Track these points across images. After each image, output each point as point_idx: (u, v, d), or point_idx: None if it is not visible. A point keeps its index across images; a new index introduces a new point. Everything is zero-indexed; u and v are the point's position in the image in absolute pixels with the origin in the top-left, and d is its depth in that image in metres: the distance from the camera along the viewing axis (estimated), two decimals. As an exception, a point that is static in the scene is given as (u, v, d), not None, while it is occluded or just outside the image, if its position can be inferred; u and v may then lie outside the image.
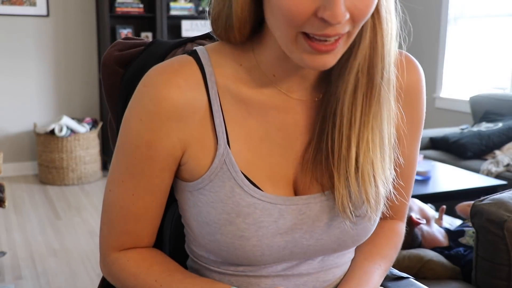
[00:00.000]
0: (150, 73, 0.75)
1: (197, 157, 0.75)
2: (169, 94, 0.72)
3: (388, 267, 0.89)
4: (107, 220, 0.81)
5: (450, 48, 4.35)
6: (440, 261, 1.57)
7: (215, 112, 0.74)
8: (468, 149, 3.39)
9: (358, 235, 0.80)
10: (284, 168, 0.77)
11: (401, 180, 0.83)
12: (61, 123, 4.03)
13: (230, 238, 0.74)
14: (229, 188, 0.74)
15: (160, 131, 0.73)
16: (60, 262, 2.73)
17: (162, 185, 0.78)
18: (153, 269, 0.79)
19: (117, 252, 0.81)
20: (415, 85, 0.85)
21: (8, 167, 4.23)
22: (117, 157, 0.78)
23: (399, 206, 0.91)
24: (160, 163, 0.75)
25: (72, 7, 4.36)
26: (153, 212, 0.80)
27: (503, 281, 1.41)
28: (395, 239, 0.92)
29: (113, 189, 0.79)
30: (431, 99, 4.56)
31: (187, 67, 0.74)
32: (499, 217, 1.41)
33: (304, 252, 0.78)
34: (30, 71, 4.32)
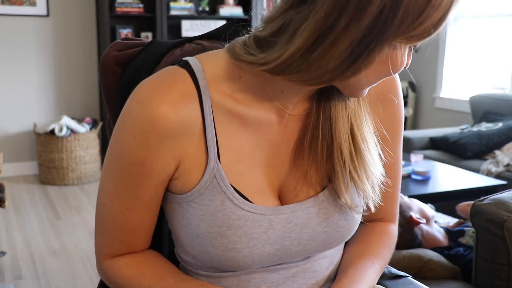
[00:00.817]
0: (143, 89, 0.73)
1: (189, 172, 0.75)
2: (165, 112, 0.71)
3: (383, 266, 0.90)
4: (102, 230, 0.81)
5: (450, 48, 4.35)
6: (440, 261, 1.57)
7: (208, 126, 0.74)
8: (468, 149, 3.39)
9: (342, 236, 0.82)
10: (272, 178, 0.79)
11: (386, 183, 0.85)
12: (61, 123, 4.03)
13: (222, 250, 0.75)
14: (219, 202, 0.74)
15: (154, 149, 0.73)
16: (60, 262, 2.73)
17: (156, 199, 0.78)
18: (146, 274, 0.80)
19: (111, 258, 0.83)
20: (392, 89, 0.85)
21: (8, 167, 4.23)
22: (110, 171, 0.77)
23: (388, 208, 0.94)
24: (154, 179, 0.75)
25: (72, 7, 4.36)
26: (147, 222, 0.80)
27: (503, 281, 1.41)
28: (388, 239, 0.93)
29: (106, 202, 0.79)
30: (431, 99, 4.56)
31: (181, 81, 0.73)
32: (499, 217, 1.41)
33: (292, 256, 0.80)
34: (30, 71, 4.32)
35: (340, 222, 0.80)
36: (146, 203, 0.78)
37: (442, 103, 4.44)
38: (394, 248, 0.95)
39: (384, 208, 0.91)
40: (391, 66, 0.66)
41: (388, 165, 0.85)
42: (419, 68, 4.65)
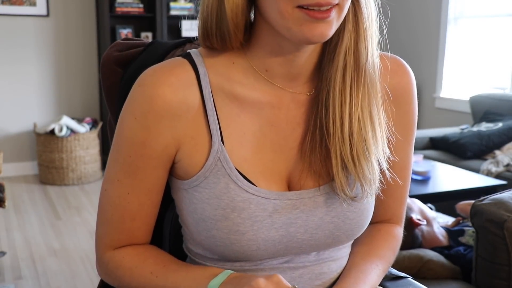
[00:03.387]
0: (144, 74, 0.77)
1: (191, 155, 0.77)
2: (162, 92, 0.74)
3: (387, 268, 0.89)
4: (103, 219, 0.82)
5: (450, 48, 4.35)
6: (440, 261, 1.57)
7: (209, 110, 0.76)
8: (468, 149, 3.39)
9: (352, 230, 0.82)
10: (278, 164, 0.79)
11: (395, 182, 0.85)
12: (61, 123, 4.03)
13: (226, 233, 0.76)
14: (224, 185, 0.75)
15: (154, 129, 0.75)
16: (60, 262, 2.73)
17: (157, 184, 0.79)
18: (148, 262, 0.80)
19: (112, 250, 0.83)
20: (406, 89, 0.86)
21: (8, 167, 4.23)
22: (113, 156, 0.79)
23: (395, 209, 0.93)
24: (154, 160, 0.77)
25: (72, 7, 4.36)
26: (148, 210, 0.81)
27: (503, 281, 1.41)
28: (393, 241, 0.93)
29: (108, 188, 0.80)
30: (431, 99, 4.56)
31: (180, 67, 0.77)
32: (499, 217, 1.41)
33: (299, 246, 0.80)
34: (30, 71, 4.32)
35: (349, 214, 0.80)
36: (146, 188, 0.79)
37: (442, 103, 4.44)
38: (398, 250, 0.95)
39: (392, 209, 0.92)
40: None
41: (398, 165, 0.85)
42: (419, 68, 4.65)
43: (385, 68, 0.83)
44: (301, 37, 0.68)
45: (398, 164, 0.85)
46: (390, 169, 0.82)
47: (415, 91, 0.88)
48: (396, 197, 0.91)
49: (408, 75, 0.87)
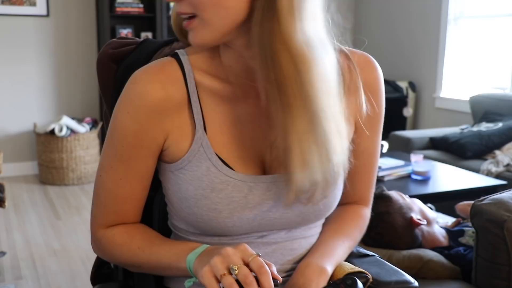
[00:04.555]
0: (136, 72, 0.87)
1: (178, 142, 0.87)
2: (153, 89, 0.84)
3: (353, 245, 0.99)
4: (98, 201, 0.92)
5: (450, 48, 4.35)
6: (440, 261, 1.57)
7: (193, 103, 0.86)
8: (468, 149, 3.39)
9: (320, 210, 0.91)
10: (254, 150, 0.88)
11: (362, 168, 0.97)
12: (61, 123, 4.03)
13: (205, 210, 0.86)
14: (205, 168, 0.85)
15: (145, 122, 0.85)
16: (60, 262, 2.73)
17: (147, 170, 0.89)
18: (136, 239, 0.89)
19: (105, 228, 0.92)
20: (374, 83, 0.94)
21: (8, 167, 4.23)
22: (107, 146, 0.89)
23: (363, 192, 1.03)
24: (145, 150, 0.87)
25: (72, 7, 4.36)
26: (138, 194, 0.91)
27: (503, 281, 1.41)
28: (360, 221, 1.02)
29: (103, 174, 0.90)
30: (431, 99, 4.56)
31: (168, 66, 0.87)
32: (499, 217, 1.41)
33: (271, 224, 0.89)
34: (30, 71, 4.32)
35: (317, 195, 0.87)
36: (137, 174, 0.88)
37: (442, 103, 4.44)
38: (365, 229, 1.04)
39: (361, 192, 1.02)
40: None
41: (366, 153, 0.97)
42: (419, 68, 4.65)
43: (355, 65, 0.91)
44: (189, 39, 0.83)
45: (366, 151, 0.97)
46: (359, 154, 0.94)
47: (382, 85, 0.96)
48: (364, 182, 1.01)
49: (375, 71, 0.95)
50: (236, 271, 0.73)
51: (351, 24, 5.41)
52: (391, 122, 4.64)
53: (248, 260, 0.74)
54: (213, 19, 0.78)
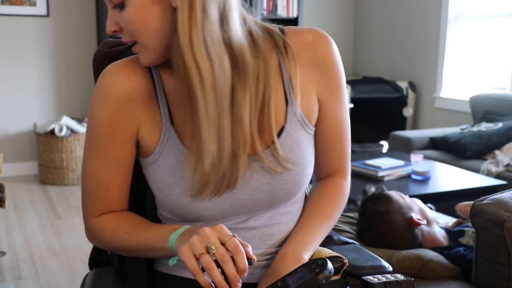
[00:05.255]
0: (108, 66, 0.95)
1: (148, 133, 0.94)
2: (120, 80, 0.92)
3: (332, 224, 1.03)
4: (85, 191, 0.99)
5: (450, 48, 4.35)
6: (440, 261, 1.57)
7: (160, 97, 0.93)
8: (468, 149, 3.39)
9: (288, 189, 0.95)
10: None
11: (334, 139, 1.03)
12: (61, 123, 4.03)
13: (178, 197, 0.92)
14: (174, 158, 0.92)
15: (115, 111, 0.92)
16: (60, 262, 2.73)
17: (124, 158, 0.96)
18: (124, 225, 0.96)
19: (96, 217, 0.99)
20: (327, 56, 0.99)
21: (8, 167, 4.23)
22: (87, 137, 0.97)
23: (339, 162, 1.07)
24: (119, 137, 0.94)
25: (72, 7, 4.36)
26: (119, 181, 0.97)
27: (503, 281, 1.41)
28: (338, 197, 1.06)
29: (85, 164, 0.97)
30: (431, 99, 4.56)
31: (135, 61, 0.94)
32: (499, 217, 1.41)
33: (243, 205, 0.95)
34: (30, 71, 4.32)
35: (283, 175, 0.94)
36: (115, 162, 0.95)
37: (442, 103, 4.44)
38: (345, 203, 1.08)
39: (336, 162, 1.06)
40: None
41: (335, 124, 1.02)
42: (419, 68, 4.65)
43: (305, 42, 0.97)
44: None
45: (334, 123, 1.02)
46: (329, 127, 1.01)
47: (337, 57, 1.00)
48: (337, 152, 1.05)
49: (327, 44, 0.99)
50: (214, 250, 0.78)
51: (351, 24, 5.41)
52: (391, 122, 4.64)
53: (225, 240, 0.79)
54: (148, 42, 0.88)
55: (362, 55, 5.32)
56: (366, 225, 1.69)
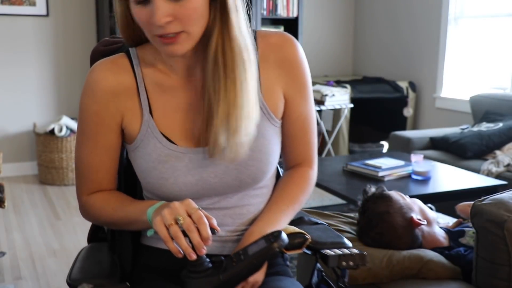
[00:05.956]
0: (95, 65, 1.09)
1: (131, 123, 1.07)
2: (105, 76, 1.06)
3: (298, 208, 1.16)
4: (77, 173, 1.13)
5: (450, 48, 4.35)
6: (440, 262, 1.57)
7: (141, 91, 1.06)
8: (469, 149, 3.39)
9: (254, 173, 1.07)
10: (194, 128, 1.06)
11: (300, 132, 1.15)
12: (60, 123, 4.03)
13: (156, 179, 1.06)
14: (152, 145, 1.06)
15: (101, 103, 1.06)
16: (60, 262, 2.72)
17: (111, 144, 1.09)
18: (111, 201, 1.10)
19: (87, 195, 1.13)
20: (292, 58, 1.10)
21: (8, 167, 4.23)
22: (78, 126, 1.10)
23: (305, 153, 1.19)
24: (106, 126, 1.07)
25: (72, 7, 4.36)
26: (107, 164, 1.11)
27: (504, 282, 1.41)
28: (304, 184, 1.18)
29: (77, 150, 1.12)
30: (431, 99, 4.55)
31: (120, 59, 1.08)
32: (499, 217, 1.41)
33: (213, 188, 1.07)
34: (29, 71, 4.32)
35: (249, 161, 1.06)
36: (103, 147, 1.09)
37: (442, 103, 4.44)
38: (310, 190, 1.20)
39: (303, 153, 1.18)
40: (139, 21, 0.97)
41: (301, 118, 1.14)
42: (419, 68, 4.65)
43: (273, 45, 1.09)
44: (164, 54, 1.03)
45: (300, 117, 1.13)
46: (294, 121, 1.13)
47: (302, 57, 1.11)
48: (303, 143, 1.17)
49: (292, 46, 1.10)
50: (181, 221, 0.91)
51: (351, 24, 5.40)
52: (392, 122, 4.64)
53: (191, 212, 0.92)
54: (196, 30, 0.97)
55: (362, 55, 5.32)
56: (366, 225, 1.69)
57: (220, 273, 0.92)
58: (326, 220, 1.82)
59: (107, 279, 1.05)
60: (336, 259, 1.04)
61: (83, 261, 1.14)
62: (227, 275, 0.92)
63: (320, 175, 2.82)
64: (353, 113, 4.52)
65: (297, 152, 1.18)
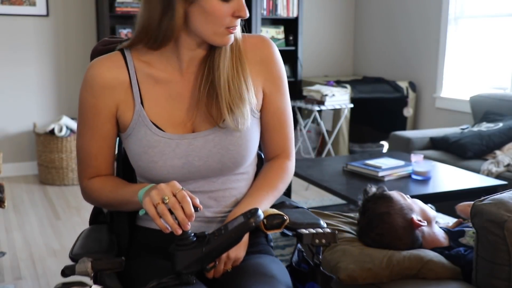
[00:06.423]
0: (92, 62, 1.21)
1: (124, 113, 1.20)
2: (101, 72, 1.19)
3: (277, 195, 1.29)
4: (78, 160, 1.27)
5: (450, 48, 4.35)
6: (440, 262, 1.57)
7: (134, 84, 1.19)
8: (469, 149, 3.39)
9: (235, 158, 1.21)
10: (184, 117, 1.21)
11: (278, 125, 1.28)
12: (60, 123, 4.03)
13: (146, 163, 1.19)
14: (143, 132, 1.19)
15: (99, 96, 1.19)
16: (60, 262, 2.72)
17: (108, 133, 1.22)
18: (108, 185, 1.24)
19: (87, 180, 1.26)
20: (269, 57, 1.26)
21: (8, 167, 4.23)
22: (78, 118, 1.23)
23: (283, 145, 1.32)
24: (103, 117, 1.20)
25: (72, 7, 4.36)
26: (105, 152, 1.24)
27: (504, 282, 1.41)
28: (282, 173, 1.31)
29: (78, 139, 1.25)
30: (431, 99, 4.55)
31: (114, 56, 1.21)
32: (499, 217, 1.41)
33: (198, 171, 1.20)
34: (29, 71, 4.32)
35: (230, 146, 1.20)
36: (101, 136, 1.22)
37: (442, 103, 4.44)
38: (289, 179, 1.32)
39: (280, 144, 1.31)
40: (216, 15, 1.11)
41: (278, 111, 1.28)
42: (419, 68, 4.65)
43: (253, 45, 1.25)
44: (221, 43, 1.16)
45: (277, 111, 1.28)
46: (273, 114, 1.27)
47: (277, 56, 1.27)
48: (281, 135, 1.30)
49: (269, 47, 1.26)
50: (167, 200, 1.02)
51: (351, 24, 5.40)
52: (392, 122, 4.64)
53: (176, 192, 1.03)
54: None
55: (362, 55, 5.32)
56: (366, 226, 1.69)
57: (203, 245, 1.03)
58: (326, 220, 1.82)
59: (105, 254, 1.17)
60: (310, 237, 1.16)
61: (84, 239, 1.28)
62: (209, 248, 1.03)
63: (320, 175, 2.85)
64: (353, 113, 4.52)
65: (275, 143, 1.31)
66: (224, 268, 1.19)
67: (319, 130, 4.63)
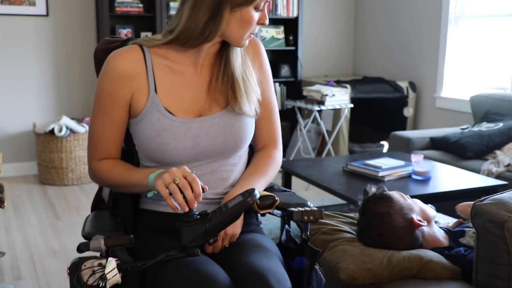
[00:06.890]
0: (111, 53, 1.32)
1: (138, 100, 1.32)
2: (121, 63, 1.30)
3: (268, 180, 1.42)
4: (90, 142, 1.37)
5: (450, 48, 4.35)
6: (440, 262, 1.57)
7: (149, 74, 1.31)
8: (469, 149, 3.39)
9: (237, 137, 1.35)
10: (194, 104, 1.34)
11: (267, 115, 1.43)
12: (60, 123, 4.02)
13: (159, 145, 1.30)
14: (156, 117, 1.30)
15: (116, 85, 1.30)
16: (60, 262, 2.72)
17: (120, 119, 1.33)
18: (117, 167, 1.34)
19: (97, 161, 1.37)
20: (258, 55, 1.43)
21: (7, 167, 4.23)
22: (94, 103, 1.34)
23: (271, 134, 1.47)
24: (118, 104, 1.31)
25: (72, 7, 4.36)
26: (116, 136, 1.35)
27: (504, 282, 1.41)
28: (271, 161, 1.44)
29: (92, 123, 1.36)
30: (431, 99, 4.55)
31: (133, 49, 1.32)
32: (499, 217, 1.40)
33: (204, 151, 1.33)
34: (29, 71, 4.32)
35: (233, 129, 1.34)
36: (114, 121, 1.33)
37: (442, 103, 4.44)
38: (278, 167, 1.46)
39: (269, 133, 1.46)
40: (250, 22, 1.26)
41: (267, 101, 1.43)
42: (420, 68, 4.65)
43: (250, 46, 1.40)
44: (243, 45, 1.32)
45: (266, 101, 1.43)
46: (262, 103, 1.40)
47: (264, 54, 1.45)
48: (269, 125, 1.46)
49: (258, 46, 1.44)
50: (178, 181, 1.13)
51: (352, 24, 5.40)
52: (392, 122, 4.64)
53: (186, 175, 1.14)
54: None
55: (362, 55, 5.31)
56: (366, 226, 1.69)
57: (206, 222, 1.14)
58: (326, 220, 1.82)
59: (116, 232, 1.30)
60: (299, 214, 1.26)
61: (92, 221, 1.39)
62: (212, 224, 1.14)
63: (320, 175, 2.85)
64: (353, 113, 4.52)
65: (264, 132, 1.45)
66: (222, 244, 1.31)
67: (319, 130, 4.63)
